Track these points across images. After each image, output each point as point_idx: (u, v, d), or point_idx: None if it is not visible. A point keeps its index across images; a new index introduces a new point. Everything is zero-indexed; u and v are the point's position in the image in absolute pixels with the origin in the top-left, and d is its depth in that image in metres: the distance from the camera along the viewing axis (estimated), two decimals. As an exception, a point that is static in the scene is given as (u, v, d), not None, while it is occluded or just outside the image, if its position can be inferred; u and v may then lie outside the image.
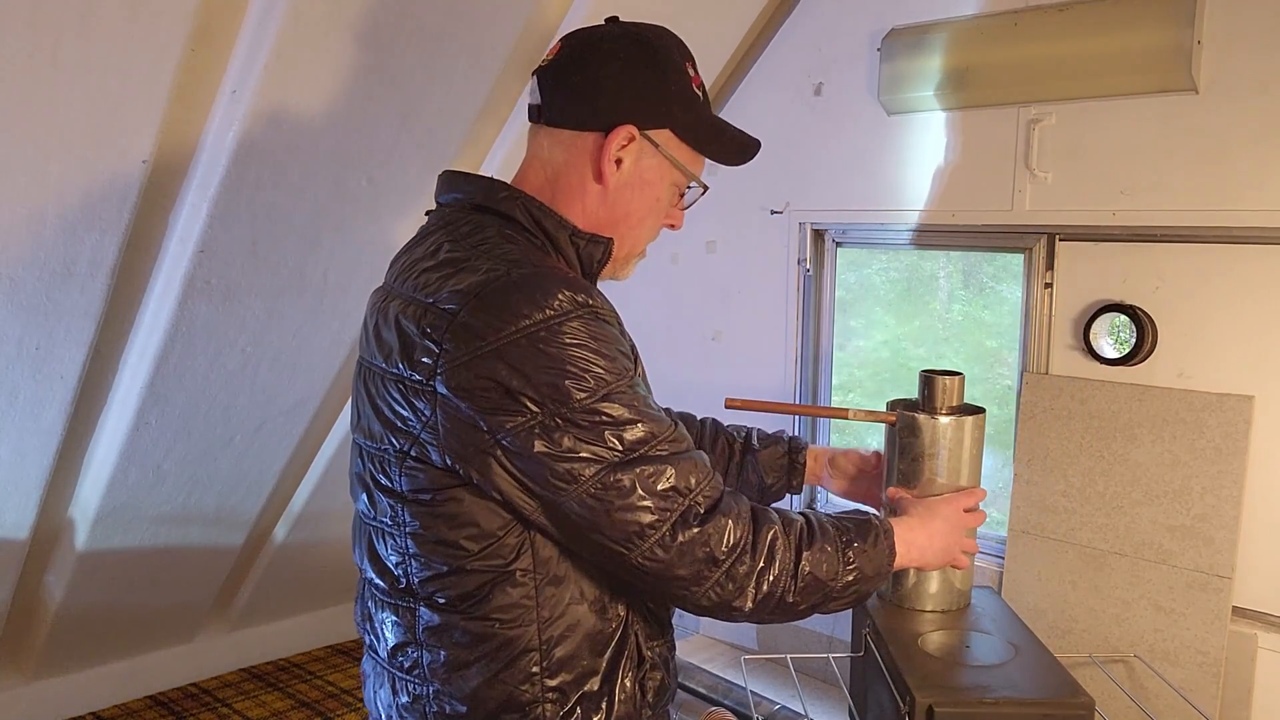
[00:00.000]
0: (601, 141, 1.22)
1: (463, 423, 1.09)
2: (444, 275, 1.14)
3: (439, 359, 1.09)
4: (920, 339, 2.89)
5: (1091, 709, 1.52)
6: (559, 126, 1.24)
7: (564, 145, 1.24)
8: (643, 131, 1.23)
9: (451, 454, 1.11)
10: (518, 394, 1.06)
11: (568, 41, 1.27)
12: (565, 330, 1.08)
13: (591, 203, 1.25)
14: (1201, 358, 2.15)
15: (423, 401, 1.11)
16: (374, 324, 1.23)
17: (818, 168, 2.78)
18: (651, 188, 1.27)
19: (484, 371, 1.06)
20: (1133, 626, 2.20)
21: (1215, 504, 2.09)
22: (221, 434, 2.73)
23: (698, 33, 2.75)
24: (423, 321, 1.12)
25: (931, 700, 1.50)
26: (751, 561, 1.15)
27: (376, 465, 1.20)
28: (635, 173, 1.25)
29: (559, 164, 1.25)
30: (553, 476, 1.08)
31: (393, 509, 1.19)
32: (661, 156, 1.26)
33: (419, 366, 1.11)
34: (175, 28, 1.90)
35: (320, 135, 2.24)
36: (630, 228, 1.28)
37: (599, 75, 1.22)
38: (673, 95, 1.25)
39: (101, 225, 2.10)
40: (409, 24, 2.18)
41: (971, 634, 1.75)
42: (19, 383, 2.30)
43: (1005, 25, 2.32)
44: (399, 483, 1.17)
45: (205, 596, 3.22)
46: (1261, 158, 2.03)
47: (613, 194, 1.25)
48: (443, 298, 1.11)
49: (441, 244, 1.20)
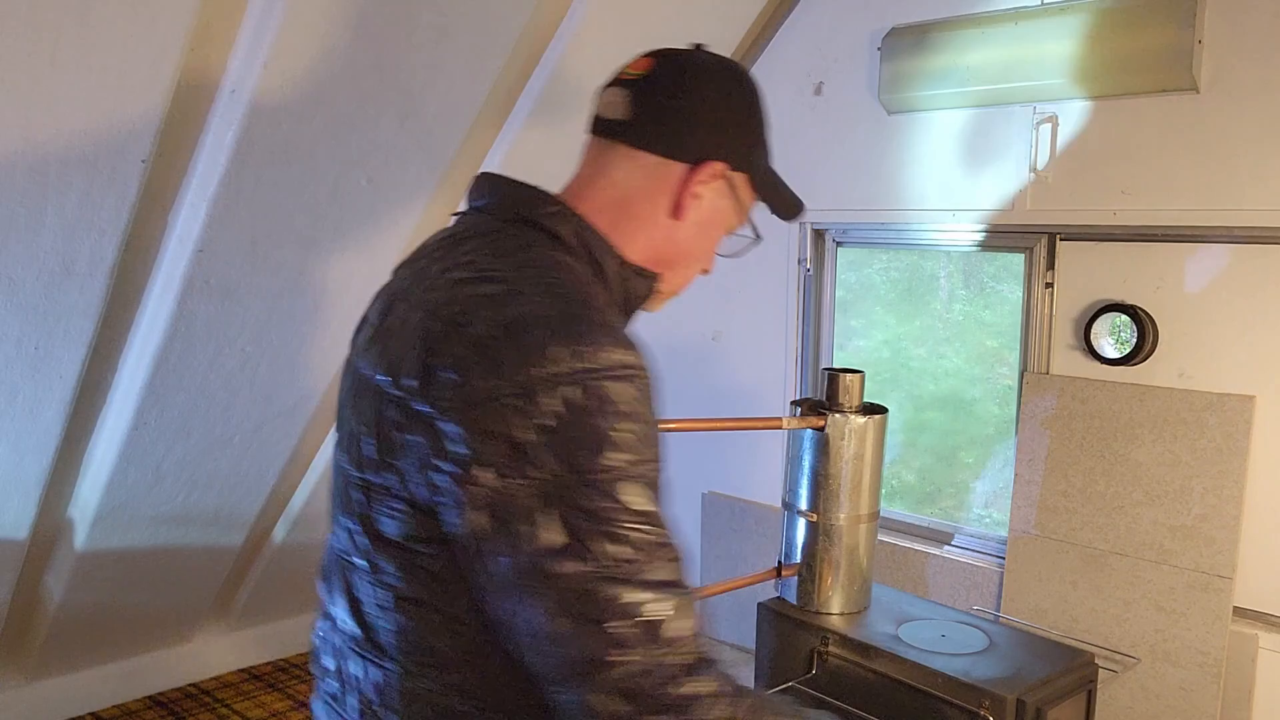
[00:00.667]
0: (686, 174, 1.13)
1: (458, 466, 0.94)
2: (482, 296, 0.99)
3: (454, 389, 0.94)
4: (920, 339, 2.89)
5: (1092, 661, 1.69)
6: (645, 149, 1.13)
7: (645, 170, 1.14)
8: (728, 172, 1.15)
9: (435, 502, 0.96)
10: (528, 452, 0.92)
11: (662, 58, 1.17)
12: (602, 392, 0.93)
13: (658, 235, 1.15)
14: (1202, 358, 2.15)
15: (421, 435, 0.97)
16: (379, 331, 1.08)
17: (818, 168, 2.78)
18: (714, 229, 1.19)
19: (499, 417, 0.92)
20: (1133, 626, 2.20)
21: (1216, 504, 2.09)
22: (221, 434, 2.73)
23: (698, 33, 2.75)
24: (447, 343, 0.97)
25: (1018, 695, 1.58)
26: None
27: (364, 500, 1.05)
28: (709, 213, 1.17)
29: (634, 189, 1.14)
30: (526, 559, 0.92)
31: (377, 553, 1.04)
32: (733, 200, 1.18)
33: (426, 394, 0.96)
34: (175, 28, 1.90)
35: (320, 135, 2.23)
36: (685, 266, 1.20)
37: (699, 103, 1.14)
38: (759, 139, 1.20)
39: (101, 225, 2.10)
40: (409, 24, 2.17)
41: (914, 625, 1.81)
42: (18, 382, 2.30)
43: (1005, 25, 2.32)
44: (386, 525, 1.02)
45: (205, 596, 3.22)
46: (1262, 157, 2.03)
47: (681, 230, 1.16)
48: (477, 323, 0.97)
49: (480, 256, 1.06)
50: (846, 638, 1.77)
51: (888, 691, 1.70)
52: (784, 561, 1.86)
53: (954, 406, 2.80)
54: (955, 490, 2.77)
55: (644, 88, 1.14)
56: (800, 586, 1.83)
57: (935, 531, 2.67)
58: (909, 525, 2.70)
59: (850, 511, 1.78)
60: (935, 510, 2.78)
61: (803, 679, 1.79)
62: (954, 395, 2.81)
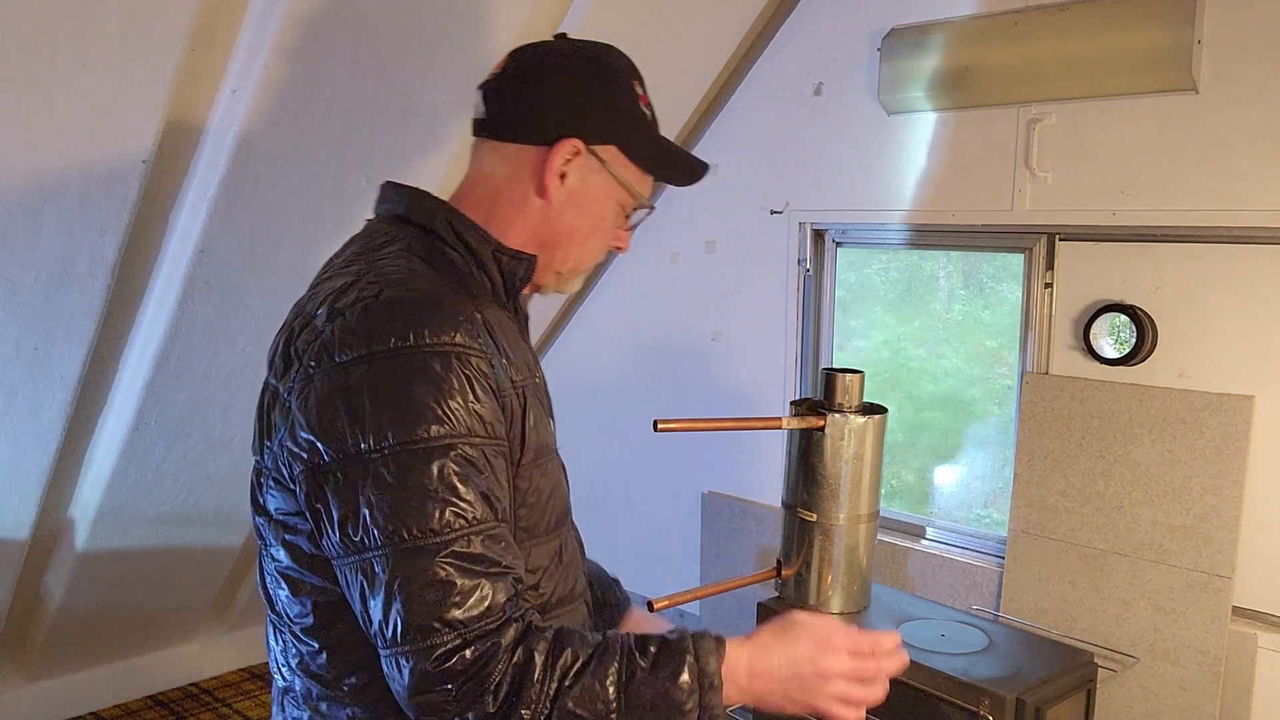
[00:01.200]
0: (545, 155, 1.18)
1: (294, 441, 1.04)
2: (334, 290, 1.10)
3: (295, 372, 1.05)
4: (920, 339, 2.89)
5: (1092, 660, 1.73)
6: (502, 139, 1.21)
7: (507, 159, 1.20)
8: (589, 146, 1.19)
9: (284, 474, 1.06)
10: (345, 423, 0.99)
11: (514, 56, 1.23)
12: (417, 364, 1.00)
13: (533, 218, 1.20)
14: (1201, 358, 2.15)
15: (280, 416, 1.07)
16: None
17: (818, 168, 2.78)
18: (596, 204, 1.22)
19: (325, 390, 1.01)
20: (1133, 626, 2.20)
21: (1215, 504, 2.09)
22: (221, 434, 2.73)
23: (698, 33, 2.76)
24: (298, 334, 1.08)
25: (1018, 694, 1.57)
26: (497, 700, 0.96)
27: (255, 481, 1.16)
28: (580, 188, 1.20)
29: (500, 178, 1.20)
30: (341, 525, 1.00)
31: (261, 529, 1.14)
32: (608, 174, 1.21)
33: (284, 378, 1.07)
34: (175, 28, 1.90)
35: (320, 135, 2.24)
36: (574, 245, 1.23)
37: (545, 88, 1.19)
38: (621, 111, 1.21)
39: (101, 225, 2.10)
40: (408, 24, 2.17)
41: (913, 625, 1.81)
42: (18, 383, 2.30)
43: (1005, 25, 2.32)
44: (265, 500, 1.12)
45: (205, 596, 3.22)
46: (1262, 157, 2.03)
47: (556, 210, 1.20)
48: (319, 313, 1.08)
49: (350, 256, 1.17)
50: (846, 638, 1.77)
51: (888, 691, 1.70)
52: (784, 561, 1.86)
53: (953, 406, 2.80)
54: (955, 490, 2.77)
55: (497, 84, 1.21)
56: (800, 586, 1.83)
57: (935, 531, 2.67)
58: (909, 525, 2.71)
59: (850, 511, 1.78)
60: (935, 510, 2.79)
61: None
62: (953, 395, 2.81)
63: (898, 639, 1.16)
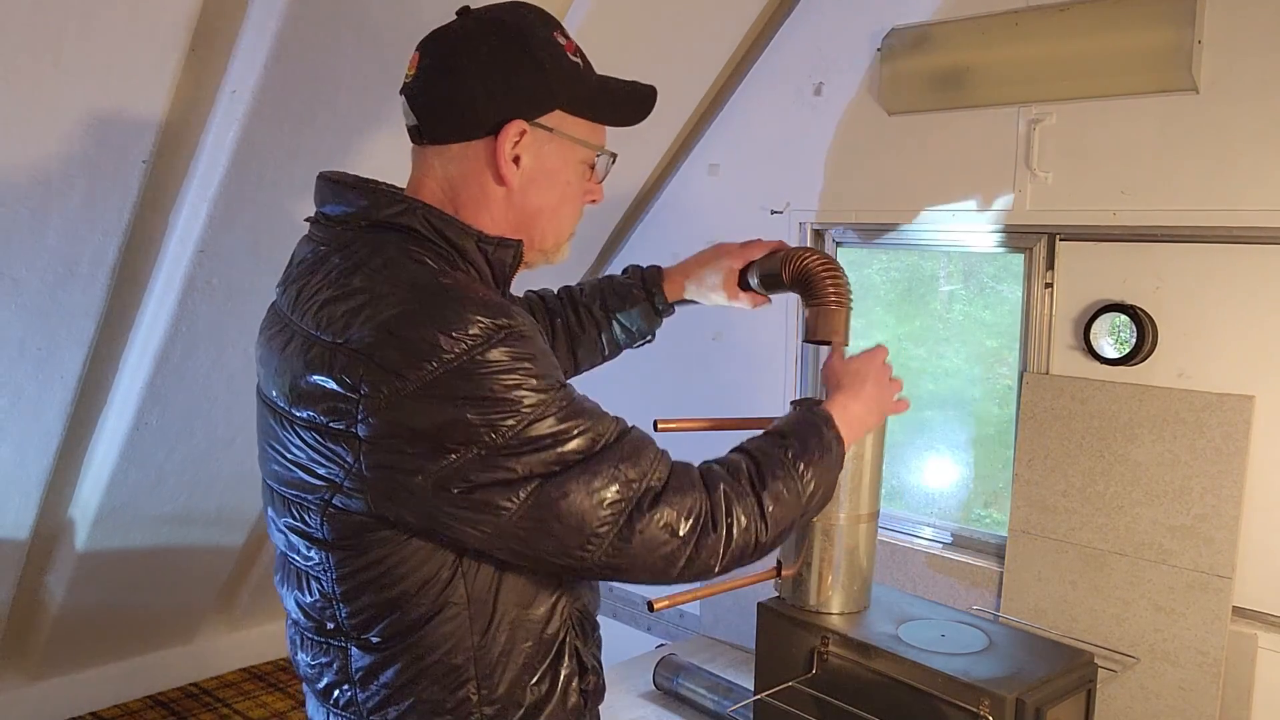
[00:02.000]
0: (493, 145, 1.15)
1: (391, 467, 1.03)
2: (350, 310, 1.07)
3: (360, 404, 1.02)
4: (920, 339, 2.89)
5: (1092, 660, 1.80)
6: (444, 143, 1.18)
7: (455, 159, 1.17)
8: (532, 122, 1.15)
9: (381, 499, 1.05)
10: (447, 432, 1.01)
11: (425, 50, 1.19)
12: (488, 360, 1.02)
13: (498, 208, 1.18)
14: (1201, 358, 2.15)
15: (344, 448, 1.05)
16: (274, 358, 1.16)
17: (818, 168, 2.78)
18: (558, 175, 1.20)
19: (410, 413, 1.01)
20: (1133, 626, 2.20)
21: (1215, 504, 2.09)
22: (223, 434, 2.73)
23: (698, 33, 2.76)
24: (335, 363, 1.05)
25: (1018, 694, 1.59)
26: (716, 531, 1.14)
27: (296, 513, 1.14)
28: (537, 164, 1.18)
29: (455, 178, 1.18)
30: (491, 509, 1.04)
31: (318, 555, 1.13)
32: (560, 140, 1.18)
33: (337, 412, 1.04)
34: (175, 28, 1.90)
35: (320, 135, 2.24)
36: (548, 220, 1.22)
37: (467, 78, 1.14)
38: (549, 74, 1.16)
39: (102, 226, 2.10)
40: (409, 23, 2.17)
41: (913, 625, 1.81)
42: (20, 383, 2.30)
43: (1005, 25, 2.32)
44: (322, 530, 1.11)
45: (205, 596, 3.22)
46: (1262, 158, 2.03)
47: (519, 194, 1.18)
48: (353, 337, 1.05)
49: (341, 271, 1.12)
50: (846, 638, 1.77)
51: (888, 691, 1.70)
52: (784, 561, 1.86)
53: (953, 406, 2.80)
54: (955, 490, 2.77)
55: (416, 89, 1.19)
56: (800, 586, 1.83)
57: (935, 531, 2.67)
58: (909, 525, 2.71)
59: (850, 511, 1.78)
60: (935, 510, 2.79)
61: (803, 679, 1.79)
62: (954, 395, 2.81)
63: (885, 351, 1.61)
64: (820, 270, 1.64)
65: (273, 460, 1.16)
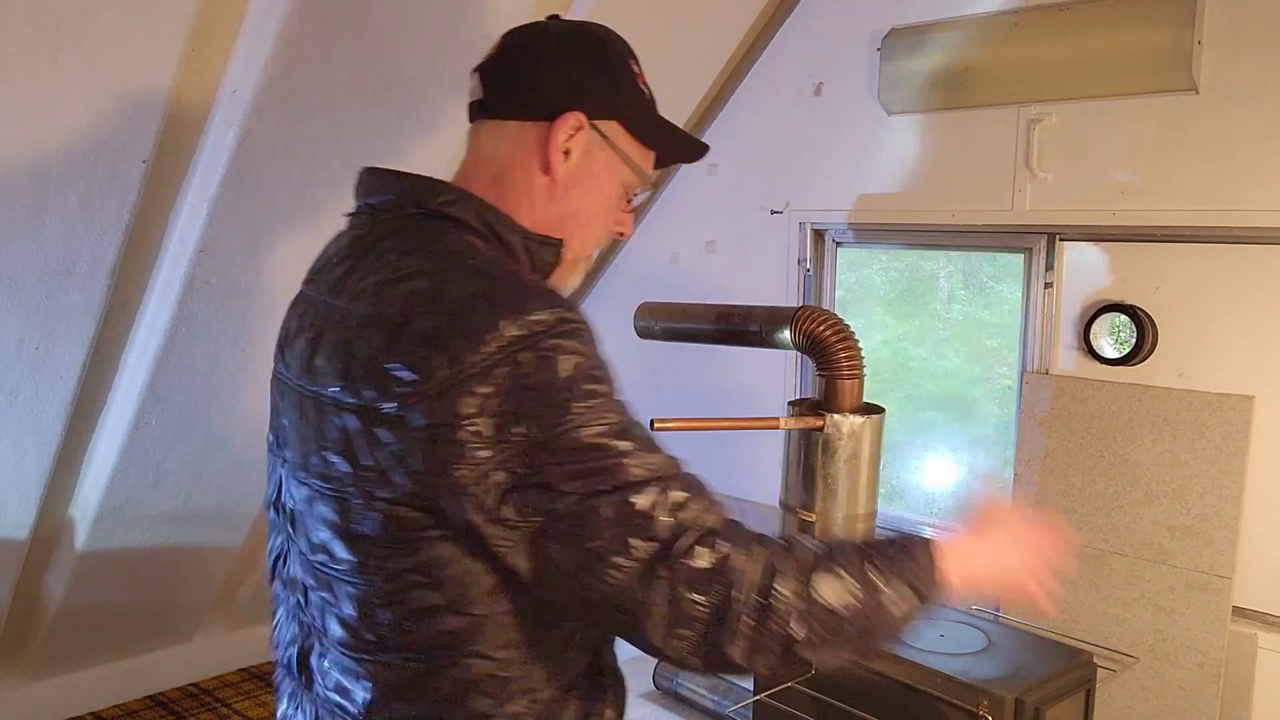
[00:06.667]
0: (548, 131, 1.14)
1: (441, 456, 0.97)
2: (411, 292, 1.03)
3: (416, 386, 0.97)
4: (920, 339, 2.89)
5: (1091, 660, 1.80)
6: (502, 118, 1.17)
7: (508, 138, 1.16)
8: (591, 121, 1.15)
9: (428, 491, 0.99)
10: (505, 421, 0.96)
11: (509, 36, 1.20)
12: (552, 350, 0.98)
13: (539, 199, 1.16)
14: (1201, 358, 2.15)
15: (393, 434, 0.99)
16: (307, 343, 1.11)
17: (818, 168, 2.78)
18: (601, 184, 1.19)
19: (468, 399, 0.96)
20: (1133, 626, 2.20)
21: (1215, 504, 2.09)
22: (222, 434, 2.73)
23: (699, 33, 2.76)
24: (396, 344, 1.00)
25: (1017, 694, 1.56)
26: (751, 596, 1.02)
27: (333, 506, 1.06)
28: (584, 165, 1.16)
29: (503, 159, 1.16)
30: (532, 511, 0.98)
31: (357, 555, 1.05)
32: (611, 150, 1.18)
33: (390, 395, 0.99)
34: (175, 28, 1.90)
35: (320, 135, 2.24)
36: (580, 226, 1.19)
37: (544, 64, 1.16)
38: (621, 87, 1.18)
39: (102, 225, 2.10)
40: (409, 23, 2.18)
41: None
42: (19, 382, 2.30)
43: (1005, 25, 2.32)
44: (365, 525, 1.03)
45: (205, 596, 3.22)
46: (1262, 158, 2.03)
47: (561, 188, 1.16)
48: (417, 317, 1.00)
49: (396, 256, 1.09)
50: (846, 637, 1.76)
51: (887, 691, 1.70)
52: (784, 561, 1.85)
53: (953, 406, 2.80)
54: (955, 490, 2.77)
55: (492, 64, 1.19)
56: None
57: (935, 531, 2.67)
58: (908, 525, 2.71)
59: (848, 511, 1.78)
60: (935, 510, 2.78)
61: (802, 679, 1.79)
62: (954, 395, 2.81)
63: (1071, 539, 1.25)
64: (833, 338, 1.65)
65: (306, 452, 1.09)
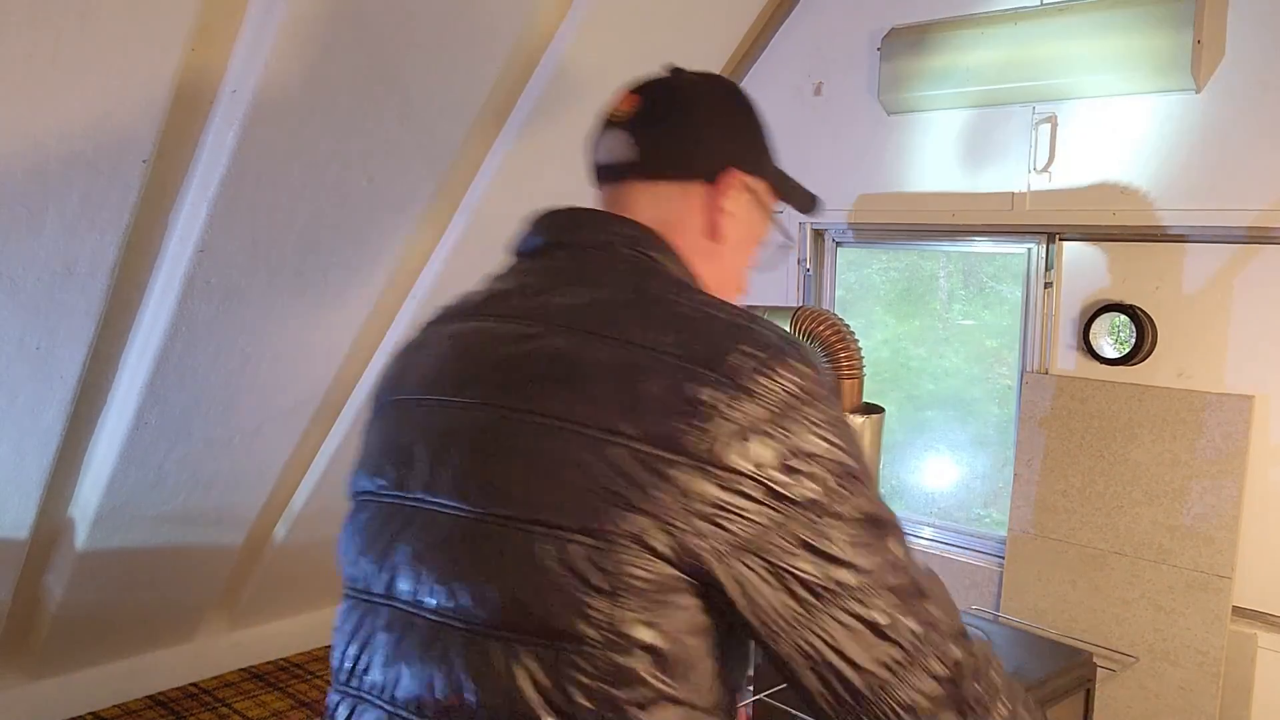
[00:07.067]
0: (709, 191, 1.08)
1: (723, 505, 0.88)
2: (681, 330, 0.93)
3: (715, 425, 0.88)
4: (920, 339, 2.89)
5: (1090, 660, 1.78)
6: (662, 178, 1.08)
7: (671, 199, 1.08)
8: (747, 178, 1.10)
9: (693, 544, 0.88)
10: (795, 480, 0.89)
11: (647, 91, 1.12)
12: (835, 415, 0.93)
13: (699, 261, 1.08)
14: (1201, 358, 2.15)
15: (679, 478, 0.88)
16: (549, 377, 0.96)
17: (818, 168, 2.78)
18: (749, 242, 1.13)
19: (770, 449, 0.89)
20: (1133, 626, 2.20)
21: (1215, 504, 2.09)
22: (222, 434, 2.73)
23: (698, 32, 2.76)
24: (689, 383, 0.90)
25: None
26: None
27: (567, 552, 0.90)
28: (744, 225, 1.10)
29: (670, 222, 1.07)
30: (809, 585, 0.89)
31: (590, 617, 0.90)
32: (760, 208, 1.12)
33: (681, 434, 0.89)
34: (175, 28, 1.90)
35: (320, 135, 2.24)
36: (735, 288, 1.13)
37: (698, 119, 1.10)
38: (765, 142, 1.14)
39: (102, 225, 2.10)
40: (409, 24, 2.18)
41: None
42: (19, 382, 2.30)
43: (1005, 25, 2.32)
44: (613, 578, 0.89)
45: (205, 596, 3.22)
46: (1262, 157, 2.03)
47: (722, 250, 1.10)
48: (698, 353, 0.91)
49: (636, 288, 0.99)
50: (846, 637, 1.77)
51: (887, 691, 1.71)
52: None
53: (953, 406, 2.80)
54: (955, 490, 2.77)
55: (641, 121, 1.10)
56: None
57: (935, 531, 2.67)
58: (907, 525, 2.71)
59: (849, 511, 1.78)
60: (935, 510, 2.79)
61: None
62: (954, 395, 2.81)
63: None
64: (832, 338, 1.64)
65: (530, 486, 0.94)
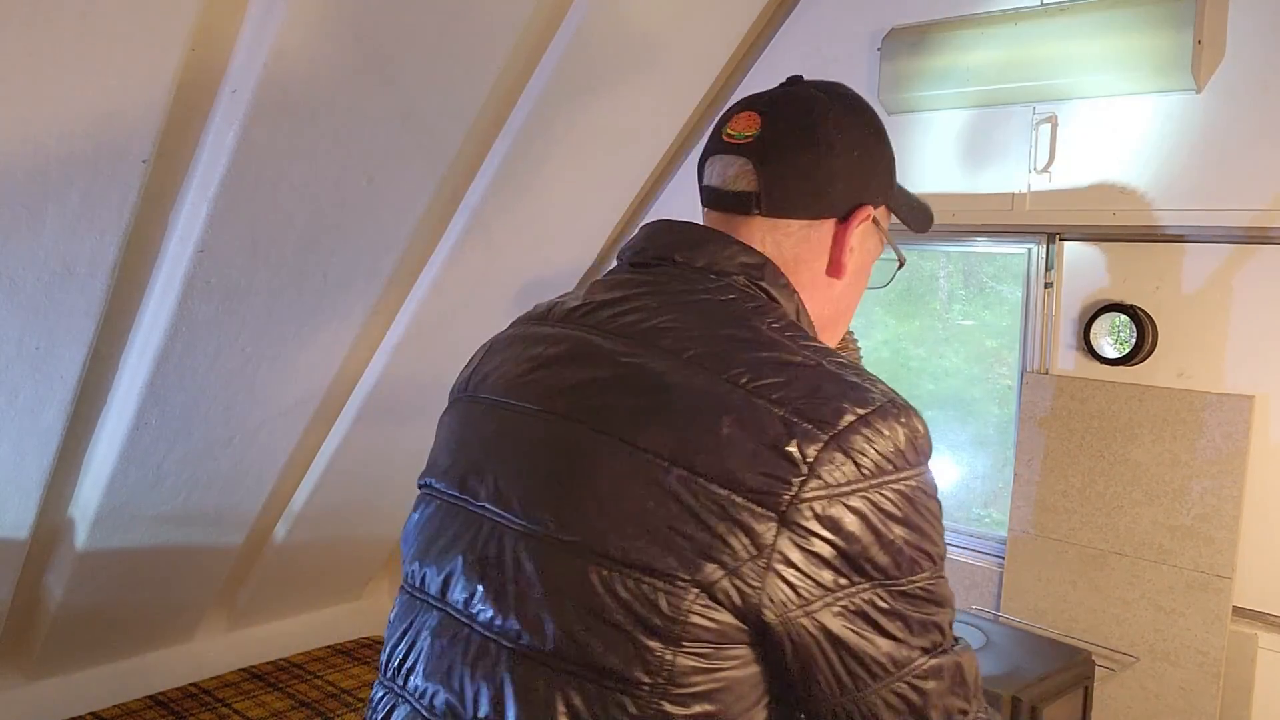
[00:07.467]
0: (838, 230, 1.03)
1: (795, 564, 0.85)
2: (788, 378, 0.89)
3: (804, 482, 0.84)
4: (920, 339, 2.89)
5: (1089, 658, 1.79)
6: (788, 217, 1.02)
7: (794, 238, 1.02)
8: (874, 210, 1.05)
9: (759, 598, 0.85)
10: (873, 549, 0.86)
11: (769, 112, 1.05)
12: (927, 487, 0.91)
13: (816, 299, 1.04)
14: (1201, 358, 2.15)
15: (756, 529, 0.84)
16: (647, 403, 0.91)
17: (818, 168, 2.78)
18: (865, 274, 1.08)
19: (853, 514, 0.85)
20: (1133, 626, 2.20)
21: (1215, 504, 2.09)
22: (221, 434, 2.73)
23: (698, 32, 2.76)
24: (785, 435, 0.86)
25: (1014, 693, 1.57)
26: None
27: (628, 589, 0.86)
28: (862, 257, 1.06)
29: (790, 260, 1.02)
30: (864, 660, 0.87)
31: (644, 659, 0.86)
32: (878, 235, 1.07)
33: (768, 486, 0.85)
34: (175, 27, 1.90)
35: (320, 135, 2.24)
36: (845, 324, 1.10)
37: (832, 152, 1.02)
38: (893, 161, 1.08)
39: (101, 225, 2.10)
40: (409, 24, 2.18)
41: None
42: (19, 382, 2.30)
43: (1005, 25, 2.32)
44: (674, 624, 0.85)
45: (205, 596, 3.22)
46: (1262, 157, 2.03)
47: (841, 287, 1.05)
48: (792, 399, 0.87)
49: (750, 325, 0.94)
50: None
51: (887, 691, 1.71)
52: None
53: (954, 406, 2.80)
54: (955, 490, 2.77)
55: (765, 148, 1.03)
56: None
57: (935, 531, 2.67)
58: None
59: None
60: (935, 510, 2.78)
61: None
62: (954, 395, 2.81)
63: None
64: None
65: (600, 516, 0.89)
